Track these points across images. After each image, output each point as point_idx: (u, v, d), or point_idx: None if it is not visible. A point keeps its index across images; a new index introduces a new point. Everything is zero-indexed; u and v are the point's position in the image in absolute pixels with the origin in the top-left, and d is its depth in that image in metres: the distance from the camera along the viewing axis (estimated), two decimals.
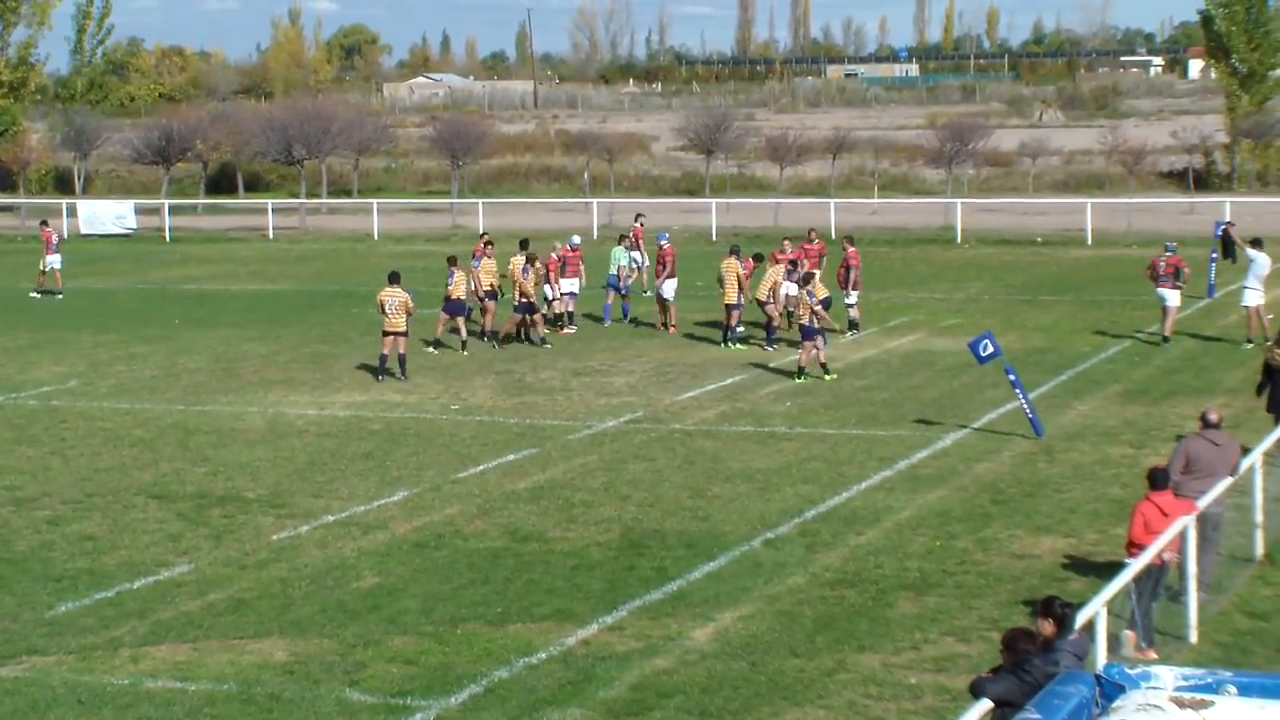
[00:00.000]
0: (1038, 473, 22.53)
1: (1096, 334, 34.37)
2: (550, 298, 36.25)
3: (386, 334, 30.02)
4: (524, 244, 35.27)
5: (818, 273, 32.04)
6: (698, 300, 38.73)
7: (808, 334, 29.43)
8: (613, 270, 37.33)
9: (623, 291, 37.46)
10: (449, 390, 29.40)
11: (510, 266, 34.00)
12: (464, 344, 33.17)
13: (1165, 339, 32.51)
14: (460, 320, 33.32)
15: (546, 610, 16.91)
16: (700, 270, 41.94)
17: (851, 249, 35.87)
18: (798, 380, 29.27)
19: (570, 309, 36.08)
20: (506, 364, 32.08)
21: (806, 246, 37.61)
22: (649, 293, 39.15)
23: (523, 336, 34.36)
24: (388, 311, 29.82)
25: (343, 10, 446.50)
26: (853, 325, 34.67)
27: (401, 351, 30.14)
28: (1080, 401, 27.37)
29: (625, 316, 37.35)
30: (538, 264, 34.57)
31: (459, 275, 33.14)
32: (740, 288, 33.31)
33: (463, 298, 33.28)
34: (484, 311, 34.55)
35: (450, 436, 25.49)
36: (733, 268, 33.31)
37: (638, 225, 42.05)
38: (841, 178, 75.86)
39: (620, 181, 77.37)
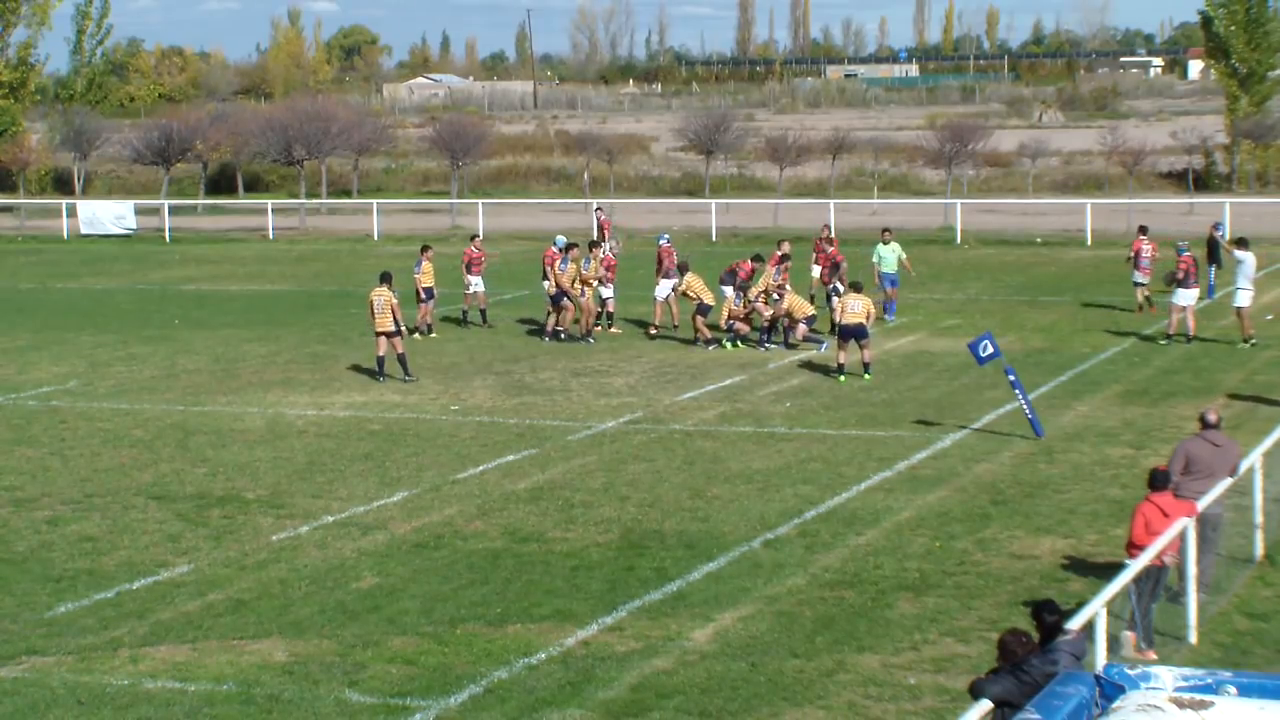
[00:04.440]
0: (1037, 473, 22.53)
1: (1096, 335, 34.37)
2: (604, 296, 36.21)
3: (378, 334, 30.01)
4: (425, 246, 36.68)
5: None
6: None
7: (857, 333, 29.34)
8: (886, 269, 37.01)
9: (887, 288, 37.20)
10: (449, 391, 29.39)
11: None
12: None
13: (1169, 338, 32.70)
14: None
15: (546, 611, 16.91)
16: (700, 270, 41.86)
17: (831, 249, 36.29)
18: (865, 378, 29.38)
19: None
20: (506, 364, 32.09)
21: (818, 244, 37.85)
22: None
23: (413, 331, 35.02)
24: (375, 312, 29.78)
25: (342, 11, 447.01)
26: (834, 328, 34.66)
27: (399, 351, 30.10)
28: (1080, 402, 27.37)
29: (888, 313, 36.96)
30: (577, 260, 35.07)
31: (571, 266, 34.56)
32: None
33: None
34: (562, 310, 34.78)
35: (450, 437, 25.50)
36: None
37: (603, 218, 44.20)
38: (841, 178, 75.84)
39: (620, 182, 77.35)
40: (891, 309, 36.92)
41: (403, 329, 30.22)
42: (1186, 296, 32.62)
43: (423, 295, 35.45)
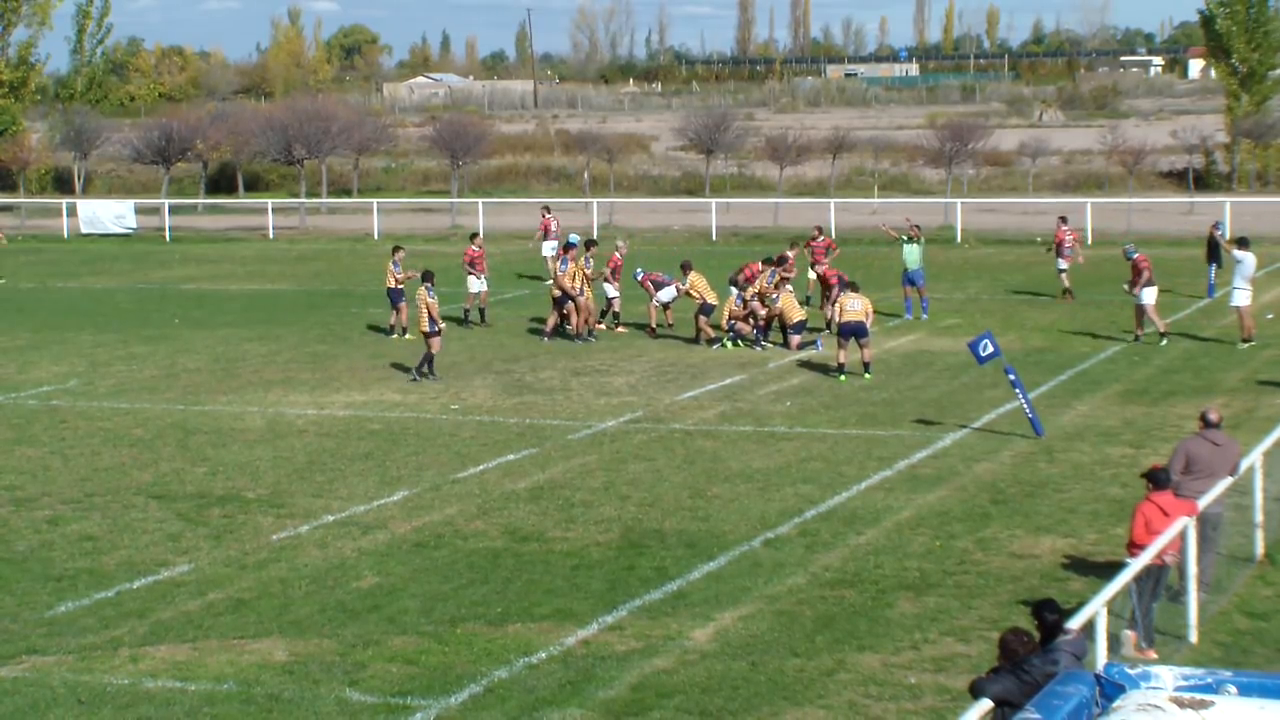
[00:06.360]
0: (1037, 473, 22.52)
1: (1096, 334, 34.38)
2: (609, 295, 36.22)
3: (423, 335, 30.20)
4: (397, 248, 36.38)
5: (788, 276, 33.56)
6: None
7: (856, 332, 29.37)
8: (910, 266, 36.81)
9: (919, 286, 37.02)
10: (449, 390, 29.39)
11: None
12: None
13: (1163, 336, 32.78)
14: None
15: (546, 610, 16.91)
16: (701, 271, 41.82)
17: (824, 267, 36.57)
18: (866, 377, 29.47)
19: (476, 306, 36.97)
20: (506, 364, 32.08)
21: (813, 244, 37.90)
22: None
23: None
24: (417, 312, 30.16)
25: (343, 10, 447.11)
26: (828, 325, 34.72)
27: (428, 351, 30.09)
28: (1080, 401, 27.37)
29: (924, 312, 37.00)
30: (581, 260, 35.04)
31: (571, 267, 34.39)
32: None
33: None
34: (578, 309, 34.74)
35: (450, 436, 25.50)
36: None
37: (547, 218, 45.17)
38: (841, 178, 75.84)
39: (620, 181, 77.35)
40: (924, 305, 37.10)
41: (436, 329, 29.94)
42: (1152, 294, 32.73)
43: (393, 297, 35.22)
